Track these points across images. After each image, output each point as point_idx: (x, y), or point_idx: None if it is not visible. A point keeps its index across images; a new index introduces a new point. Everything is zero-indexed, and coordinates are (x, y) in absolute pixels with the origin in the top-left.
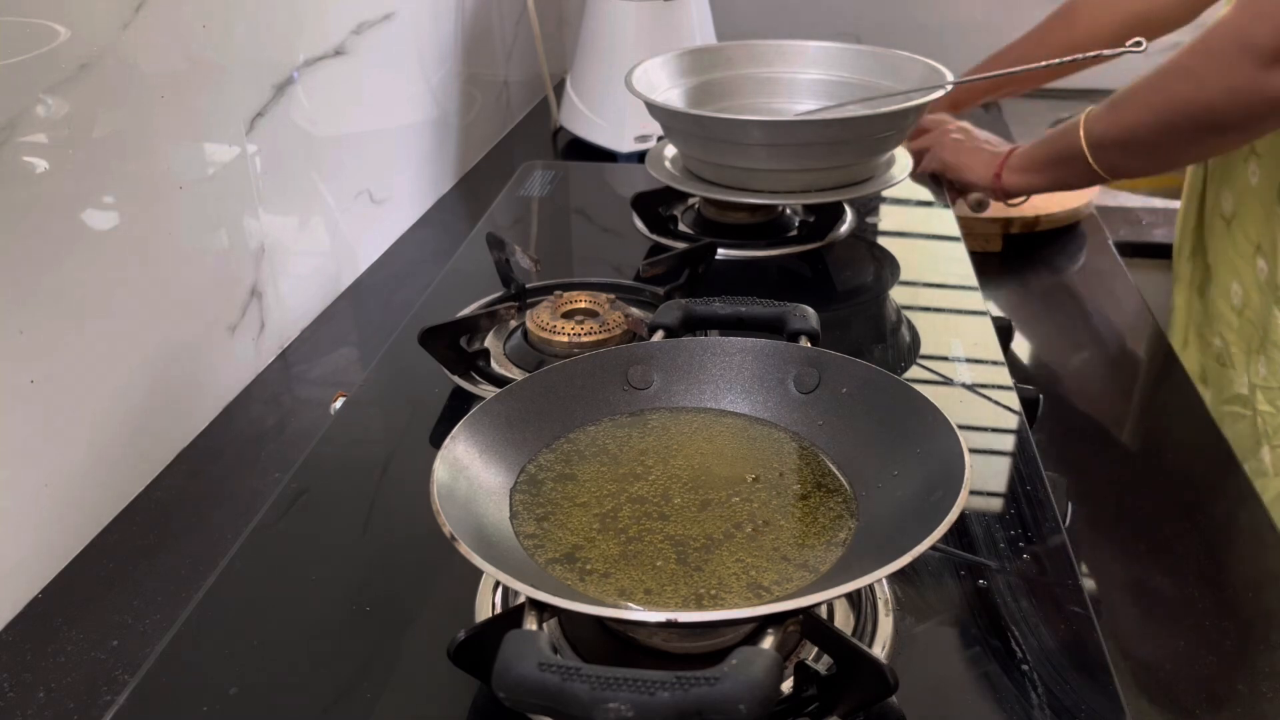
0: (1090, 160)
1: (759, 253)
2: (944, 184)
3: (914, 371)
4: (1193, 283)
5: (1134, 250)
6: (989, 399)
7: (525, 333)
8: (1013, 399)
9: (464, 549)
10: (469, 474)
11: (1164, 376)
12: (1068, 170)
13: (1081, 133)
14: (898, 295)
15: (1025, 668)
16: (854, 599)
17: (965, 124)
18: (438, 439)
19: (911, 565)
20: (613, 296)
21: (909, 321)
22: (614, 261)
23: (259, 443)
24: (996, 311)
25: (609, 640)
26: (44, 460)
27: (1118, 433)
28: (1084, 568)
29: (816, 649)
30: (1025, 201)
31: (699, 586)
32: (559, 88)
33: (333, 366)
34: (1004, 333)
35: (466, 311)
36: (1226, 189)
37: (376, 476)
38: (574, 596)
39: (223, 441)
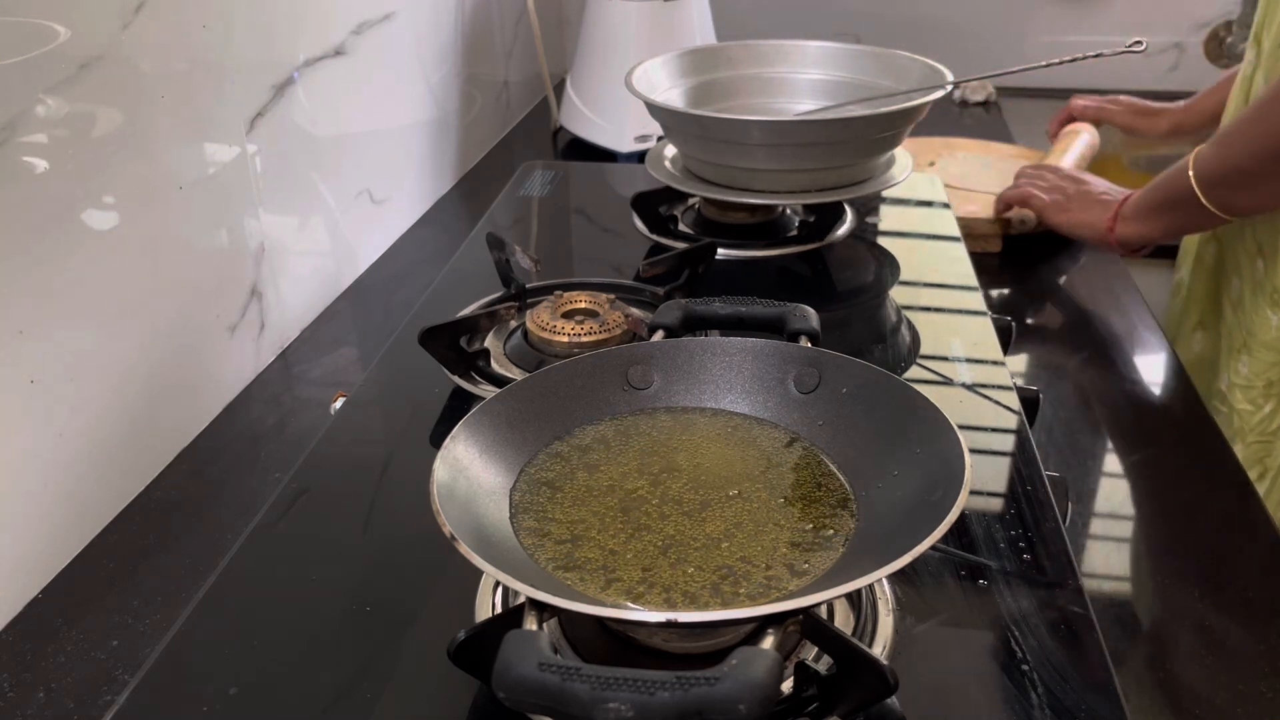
0: (1203, 200)
1: (759, 253)
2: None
3: (914, 371)
4: (1214, 270)
5: None
6: (989, 399)
7: (525, 333)
8: (1013, 399)
9: (464, 549)
10: (469, 474)
11: (1164, 376)
12: (1183, 214)
13: (1191, 173)
14: (898, 295)
15: (1025, 668)
16: (854, 599)
17: (1068, 171)
18: (438, 439)
19: (911, 565)
20: (613, 296)
21: (909, 321)
22: (614, 261)
23: (259, 443)
24: (996, 312)
25: (609, 640)
26: (44, 460)
27: (1117, 432)
28: (1083, 568)
29: (816, 649)
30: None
31: (699, 586)
32: (559, 88)
33: (333, 366)
34: (1004, 333)
35: (466, 311)
36: None
37: (376, 476)
38: (574, 596)
39: (223, 441)
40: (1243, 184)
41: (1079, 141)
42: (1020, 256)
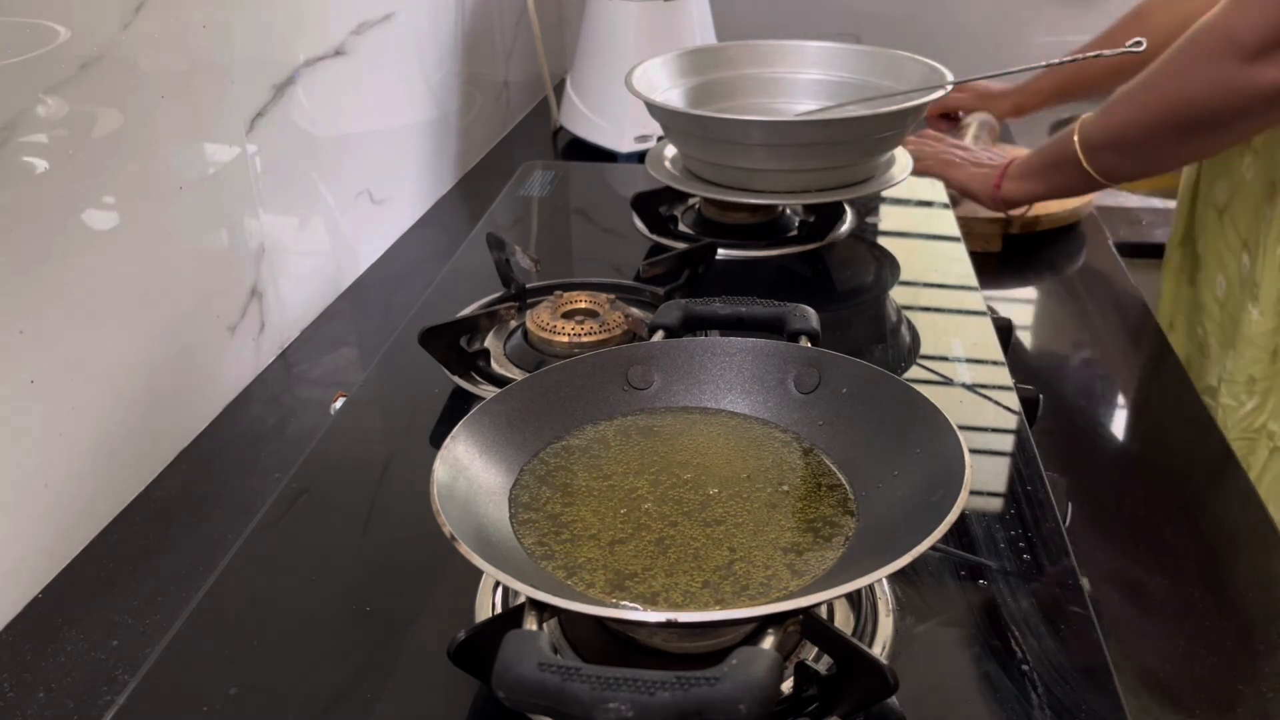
0: (1085, 164)
1: (759, 253)
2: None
3: (914, 371)
4: (1182, 270)
5: (1134, 250)
6: (989, 399)
7: (525, 333)
8: (1013, 399)
9: (464, 549)
10: (469, 474)
11: (1164, 376)
12: (1064, 175)
13: (1076, 137)
14: (898, 295)
15: (1025, 668)
16: (854, 599)
17: (963, 143)
18: (438, 439)
19: (911, 565)
20: (613, 296)
21: (909, 321)
22: (614, 261)
23: (259, 443)
24: (997, 312)
25: (609, 640)
26: (44, 460)
27: (1117, 432)
28: (1084, 568)
29: (816, 649)
30: (1028, 210)
31: (699, 586)
32: (559, 88)
33: (333, 366)
34: (1004, 333)
35: (466, 311)
36: (1222, 180)
37: (376, 476)
38: (574, 596)
39: (223, 441)
40: (1124, 151)
41: (975, 120)
42: (1020, 256)
